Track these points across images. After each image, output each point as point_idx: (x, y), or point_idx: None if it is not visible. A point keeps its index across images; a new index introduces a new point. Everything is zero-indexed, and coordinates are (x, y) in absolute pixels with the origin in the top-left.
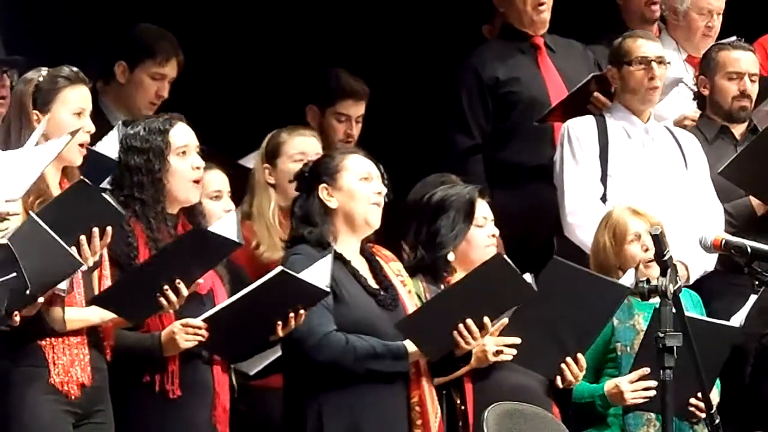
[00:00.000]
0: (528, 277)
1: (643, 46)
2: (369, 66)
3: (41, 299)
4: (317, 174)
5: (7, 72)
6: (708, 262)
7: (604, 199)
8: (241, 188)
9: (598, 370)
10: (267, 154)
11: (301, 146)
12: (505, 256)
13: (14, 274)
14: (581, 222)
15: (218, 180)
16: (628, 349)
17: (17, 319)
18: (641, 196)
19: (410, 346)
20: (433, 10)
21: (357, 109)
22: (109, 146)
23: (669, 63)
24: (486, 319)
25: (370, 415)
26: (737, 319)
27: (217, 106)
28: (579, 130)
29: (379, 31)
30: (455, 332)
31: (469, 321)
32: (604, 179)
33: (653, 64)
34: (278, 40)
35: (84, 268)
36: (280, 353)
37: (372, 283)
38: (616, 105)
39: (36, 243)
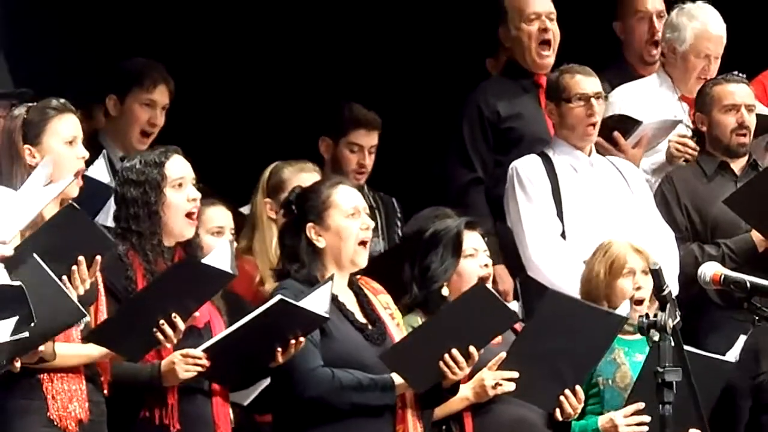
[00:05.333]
0: (514, 305)
1: (582, 82)
2: (378, 100)
3: (42, 348)
4: (304, 212)
5: (15, 105)
6: (673, 288)
7: (563, 235)
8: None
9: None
10: (269, 189)
11: (306, 184)
12: (487, 285)
13: (26, 334)
14: (546, 261)
15: (220, 216)
16: (610, 382)
17: (18, 365)
18: (599, 229)
19: (397, 379)
20: (442, 42)
21: (370, 140)
22: (97, 174)
23: (607, 97)
24: (472, 349)
25: None
26: (732, 355)
27: (219, 141)
28: (528, 169)
29: (387, 65)
30: (441, 363)
31: (455, 351)
32: (560, 215)
33: (592, 100)
34: (284, 73)
35: (87, 319)
36: (268, 382)
37: (359, 317)
38: (557, 141)
39: (39, 289)
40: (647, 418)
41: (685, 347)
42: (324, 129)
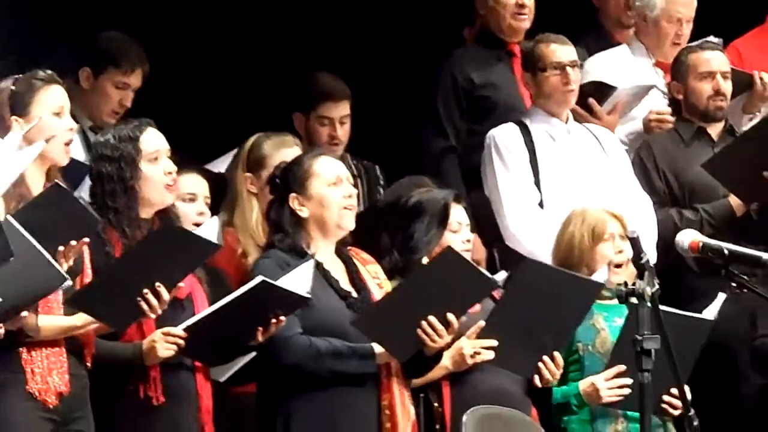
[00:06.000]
0: (501, 274)
1: (557, 51)
2: (353, 70)
3: (25, 313)
4: (287, 183)
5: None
6: (651, 256)
7: (541, 204)
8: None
9: (562, 373)
10: (249, 163)
11: (288, 159)
12: (457, 250)
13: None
14: (525, 230)
15: (194, 183)
16: (590, 348)
17: (1, 332)
18: (577, 197)
19: (378, 348)
20: (419, 12)
21: (338, 111)
22: (73, 152)
23: (582, 65)
24: (450, 316)
25: (341, 419)
26: (710, 312)
27: (191, 112)
28: (505, 138)
29: (362, 34)
30: (419, 330)
31: (433, 318)
32: (537, 184)
33: (567, 68)
34: (261, 44)
35: (69, 283)
36: (249, 358)
37: (345, 285)
38: (534, 109)
39: (20, 254)
40: (629, 381)
41: (664, 307)
42: (294, 105)
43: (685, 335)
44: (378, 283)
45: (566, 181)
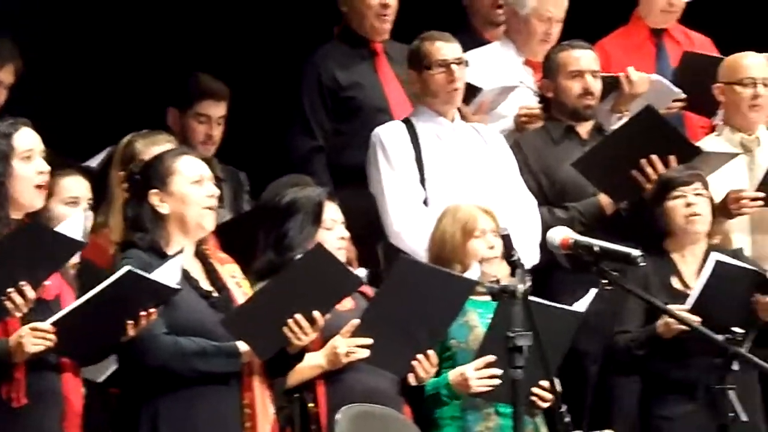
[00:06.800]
0: (361, 271)
1: (442, 48)
2: (227, 71)
3: None
4: (147, 179)
5: None
6: (533, 255)
7: (426, 202)
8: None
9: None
10: (123, 161)
11: None
12: (331, 248)
13: None
14: (409, 228)
15: (76, 186)
16: (463, 345)
17: None
18: (462, 195)
19: (242, 346)
20: (290, 10)
21: (217, 110)
22: None
23: (467, 62)
24: (316, 313)
25: (204, 418)
26: (581, 306)
27: (69, 111)
28: (390, 137)
29: (237, 36)
30: (285, 329)
31: (299, 316)
32: (422, 182)
33: (453, 66)
34: (133, 44)
35: None
36: None
37: (205, 285)
38: (420, 108)
39: None
40: (498, 371)
41: (535, 299)
42: (171, 100)
43: (556, 328)
44: (236, 281)
45: (451, 180)
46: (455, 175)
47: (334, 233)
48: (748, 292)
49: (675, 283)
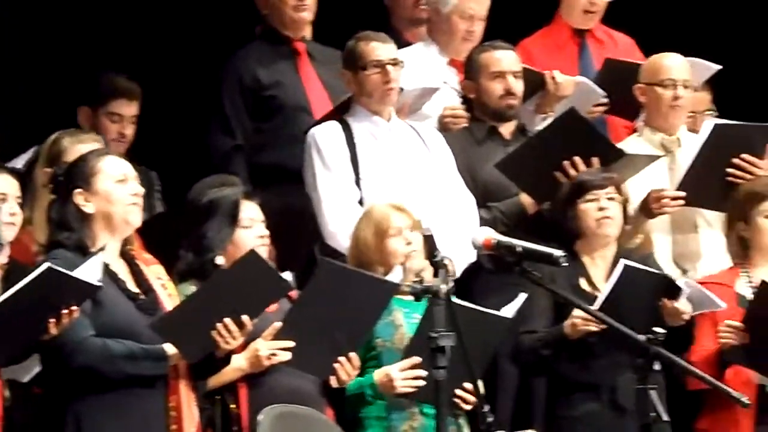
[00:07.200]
0: (288, 275)
1: (377, 49)
2: (142, 69)
3: None
4: (72, 179)
5: None
6: (470, 254)
7: (361, 202)
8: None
9: (360, 367)
10: (49, 160)
11: None
12: (258, 252)
13: None
14: (343, 228)
15: (3, 183)
16: (388, 344)
17: None
18: (397, 196)
19: (170, 349)
20: (208, 10)
21: (130, 109)
22: None
23: (402, 63)
24: (245, 318)
25: (130, 421)
26: (509, 311)
27: None
28: (325, 137)
29: (153, 34)
30: (214, 333)
31: (228, 320)
32: (357, 183)
33: (388, 67)
34: (45, 41)
35: None
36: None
37: (131, 286)
38: (356, 107)
39: None
40: (423, 372)
41: (463, 303)
42: (83, 99)
43: (482, 331)
44: (162, 283)
45: (387, 179)
46: (391, 175)
47: (252, 231)
48: (656, 297)
49: (583, 284)
